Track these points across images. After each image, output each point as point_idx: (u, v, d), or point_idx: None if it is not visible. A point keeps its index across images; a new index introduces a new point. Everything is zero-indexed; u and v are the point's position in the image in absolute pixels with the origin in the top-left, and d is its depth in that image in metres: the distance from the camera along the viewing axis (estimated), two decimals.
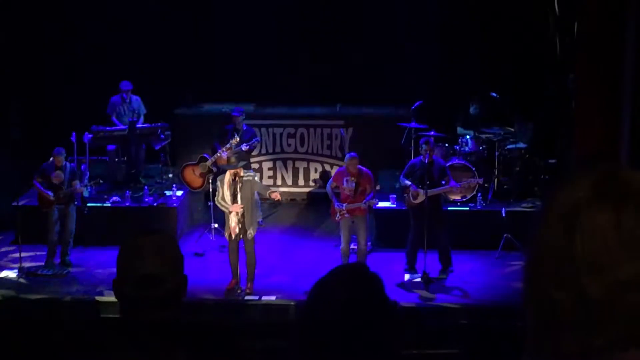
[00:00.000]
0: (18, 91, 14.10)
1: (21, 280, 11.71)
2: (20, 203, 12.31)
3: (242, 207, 10.97)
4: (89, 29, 14.84)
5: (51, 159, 12.04)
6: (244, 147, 12.91)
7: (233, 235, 11.08)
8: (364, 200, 11.30)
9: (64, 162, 12.00)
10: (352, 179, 11.36)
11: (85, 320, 10.41)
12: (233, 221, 11.01)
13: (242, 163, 11.42)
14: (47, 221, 11.93)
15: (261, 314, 10.89)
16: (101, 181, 13.11)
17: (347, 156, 11.61)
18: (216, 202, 11.37)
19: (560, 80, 12.74)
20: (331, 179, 11.79)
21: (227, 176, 11.10)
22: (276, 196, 11.30)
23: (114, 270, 2.81)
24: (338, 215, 11.44)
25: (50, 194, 11.84)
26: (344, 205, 11.35)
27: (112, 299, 2.79)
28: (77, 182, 12.09)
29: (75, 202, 12.16)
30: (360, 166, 11.40)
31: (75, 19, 14.74)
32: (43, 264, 12.02)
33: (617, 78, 10.40)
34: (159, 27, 14.97)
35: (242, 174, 11.09)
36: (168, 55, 15.11)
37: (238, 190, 10.98)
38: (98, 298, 11.03)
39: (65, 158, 12.11)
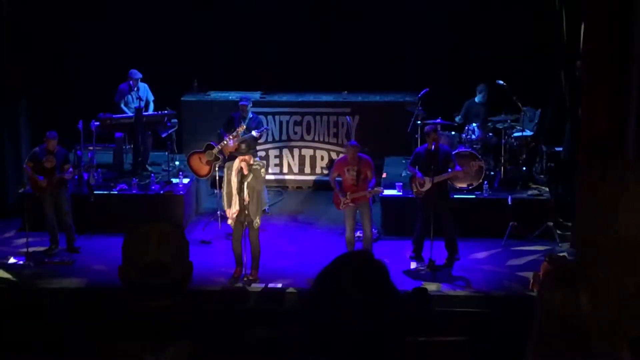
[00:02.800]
0: (26, 79, 14.08)
1: (28, 267, 11.73)
2: (28, 190, 12.34)
3: (236, 213, 10.97)
4: (97, 16, 14.82)
5: (43, 144, 12.04)
6: (256, 133, 12.92)
7: (230, 220, 11.07)
8: (368, 188, 11.30)
9: (57, 146, 11.99)
10: (353, 167, 11.35)
11: (91, 307, 10.44)
12: (234, 207, 10.97)
13: (251, 150, 11.37)
14: (42, 207, 11.97)
15: (266, 302, 10.90)
16: (96, 167, 13.06)
17: (348, 144, 11.60)
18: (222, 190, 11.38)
19: (567, 68, 12.68)
20: (331, 170, 11.80)
21: (236, 163, 11.05)
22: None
23: (120, 257, 2.83)
24: (342, 204, 11.44)
25: (42, 179, 11.85)
26: (348, 194, 11.35)
27: (118, 286, 2.80)
28: (69, 166, 12.08)
29: (67, 187, 12.14)
30: (358, 153, 11.40)
31: (82, 6, 14.72)
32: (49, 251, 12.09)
33: (624, 66, 10.37)
34: (166, 15, 14.95)
35: (251, 162, 11.04)
36: (175, 43, 15.09)
37: (245, 177, 10.93)
38: (104, 285, 11.06)
39: (72, 147, 12.08)
